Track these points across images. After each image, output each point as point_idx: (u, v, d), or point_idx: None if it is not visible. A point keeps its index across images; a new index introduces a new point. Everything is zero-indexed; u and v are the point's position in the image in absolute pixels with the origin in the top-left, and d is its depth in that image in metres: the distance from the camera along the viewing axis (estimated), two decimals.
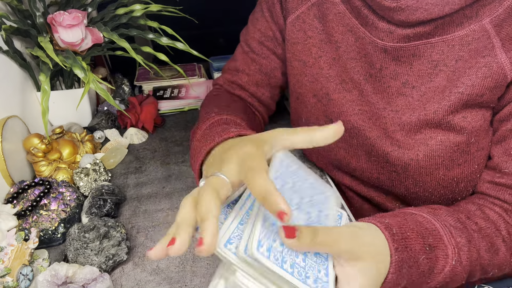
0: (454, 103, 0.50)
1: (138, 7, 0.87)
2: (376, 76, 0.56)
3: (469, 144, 0.51)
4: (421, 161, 0.53)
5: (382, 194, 0.63)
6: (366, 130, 0.58)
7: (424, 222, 0.44)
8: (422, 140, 0.53)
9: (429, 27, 0.50)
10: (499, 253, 0.47)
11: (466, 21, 0.49)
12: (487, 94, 0.49)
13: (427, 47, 0.51)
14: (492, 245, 0.47)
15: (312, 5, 0.61)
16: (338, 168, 0.66)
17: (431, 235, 0.43)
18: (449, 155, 0.52)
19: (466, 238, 0.45)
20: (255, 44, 0.70)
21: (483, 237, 0.47)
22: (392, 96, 0.55)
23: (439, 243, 0.43)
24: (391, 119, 0.55)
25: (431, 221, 0.44)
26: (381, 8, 0.50)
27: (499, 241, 0.48)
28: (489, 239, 0.47)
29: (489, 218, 0.49)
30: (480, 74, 0.48)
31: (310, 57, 0.62)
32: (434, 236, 0.43)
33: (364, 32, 0.55)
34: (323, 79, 0.61)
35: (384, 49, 0.53)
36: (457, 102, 0.50)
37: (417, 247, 0.41)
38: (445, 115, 0.51)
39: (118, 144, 0.85)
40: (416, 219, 0.44)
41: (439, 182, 0.54)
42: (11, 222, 0.58)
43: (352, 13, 0.56)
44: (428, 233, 0.43)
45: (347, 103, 0.59)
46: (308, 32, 0.62)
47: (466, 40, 0.50)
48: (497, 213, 0.50)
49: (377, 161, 0.58)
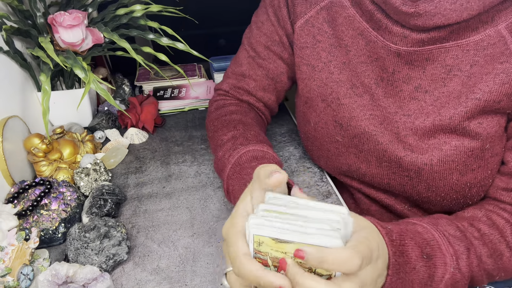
0: (471, 109, 0.50)
1: (139, 7, 0.88)
2: (388, 80, 0.55)
3: (484, 150, 0.51)
4: (435, 165, 0.53)
5: (392, 196, 0.63)
6: (378, 135, 0.57)
7: (423, 233, 0.44)
8: (436, 145, 0.53)
9: (444, 32, 0.49)
10: (503, 257, 0.47)
11: (481, 26, 0.49)
12: (504, 100, 0.48)
13: (441, 51, 0.51)
14: (495, 251, 0.47)
15: (321, 9, 0.60)
16: (347, 172, 0.65)
17: (429, 245, 0.43)
18: (463, 160, 0.52)
19: (464, 246, 0.45)
20: (261, 48, 0.69)
21: (485, 243, 0.47)
22: (404, 100, 0.55)
23: (437, 252, 0.43)
24: (403, 124, 0.55)
25: (430, 231, 0.45)
26: (397, 12, 0.50)
27: (502, 246, 0.47)
28: (492, 245, 0.47)
29: (494, 224, 0.49)
30: (498, 80, 0.48)
31: (320, 62, 0.62)
32: (431, 246, 0.43)
33: (376, 36, 0.54)
34: (333, 84, 0.60)
35: (397, 53, 0.53)
36: (473, 108, 0.49)
37: (413, 254, 0.41)
38: (461, 121, 0.50)
39: (118, 144, 0.85)
40: (416, 229, 0.45)
41: (452, 187, 0.54)
42: (12, 222, 0.59)
43: (363, 16, 0.56)
44: (426, 243, 0.43)
45: (358, 108, 0.58)
46: (317, 37, 0.61)
47: (481, 45, 0.49)
48: (505, 219, 0.49)
49: (388, 166, 0.58)
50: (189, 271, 0.56)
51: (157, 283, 0.55)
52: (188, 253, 0.59)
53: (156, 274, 0.56)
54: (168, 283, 0.55)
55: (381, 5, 0.52)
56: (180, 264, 0.58)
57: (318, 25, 0.61)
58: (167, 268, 0.57)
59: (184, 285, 0.54)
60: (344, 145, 0.62)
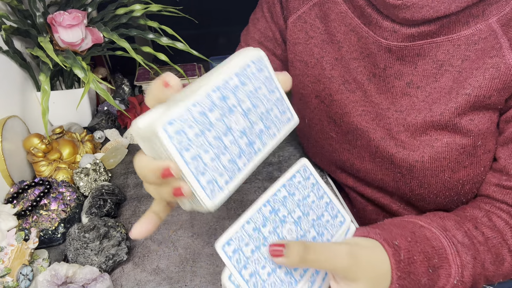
0: (461, 105, 0.49)
1: (138, 7, 0.87)
2: (380, 76, 0.55)
3: (476, 146, 0.50)
4: (426, 163, 0.52)
5: (387, 195, 0.62)
6: (370, 131, 0.57)
7: (432, 239, 0.43)
8: (428, 141, 0.52)
9: (434, 26, 0.49)
10: (504, 263, 0.47)
11: (472, 20, 0.48)
12: (494, 95, 0.48)
13: (432, 46, 0.50)
14: (498, 256, 0.46)
15: (313, 5, 0.60)
16: (342, 169, 0.66)
17: (437, 255, 0.42)
18: (455, 158, 0.51)
19: (471, 255, 0.44)
20: (255, 44, 0.70)
21: (489, 249, 0.46)
22: (396, 96, 0.54)
23: (444, 263, 0.42)
24: (395, 120, 0.54)
25: (439, 237, 0.44)
26: (386, 6, 0.49)
27: (504, 251, 0.47)
28: (495, 250, 0.46)
29: (495, 226, 0.48)
30: (488, 75, 0.47)
31: (312, 58, 0.62)
32: (439, 256, 0.42)
33: (368, 32, 0.54)
34: (325, 80, 0.60)
35: (388, 49, 0.52)
36: (464, 104, 0.49)
37: (420, 270, 0.40)
38: (451, 117, 0.50)
39: (118, 144, 0.85)
40: (425, 234, 0.43)
41: (444, 184, 0.53)
42: (11, 222, 0.58)
43: (355, 12, 0.56)
44: (434, 253, 0.42)
45: (350, 104, 0.58)
46: (310, 33, 0.61)
47: (472, 40, 0.48)
48: (504, 221, 0.49)
49: (381, 162, 0.58)
50: (189, 272, 0.56)
51: (157, 284, 0.55)
52: (188, 253, 0.59)
53: (155, 275, 0.56)
54: (168, 284, 0.55)
55: (371, 0, 0.52)
56: (180, 265, 0.57)
57: (310, 21, 0.61)
58: (167, 269, 0.57)
59: (184, 286, 0.54)
60: (338, 141, 0.62)
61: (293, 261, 0.32)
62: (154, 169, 0.29)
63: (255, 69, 0.34)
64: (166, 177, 0.29)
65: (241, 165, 0.32)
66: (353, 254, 0.35)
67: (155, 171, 0.29)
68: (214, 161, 0.30)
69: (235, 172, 0.31)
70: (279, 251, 0.32)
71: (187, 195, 0.29)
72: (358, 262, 0.35)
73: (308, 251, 0.32)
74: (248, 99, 0.33)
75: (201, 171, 0.29)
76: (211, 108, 0.30)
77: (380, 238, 0.40)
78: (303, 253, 0.32)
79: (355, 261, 0.35)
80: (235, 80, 0.32)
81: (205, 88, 0.30)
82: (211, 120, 0.30)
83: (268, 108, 0.34)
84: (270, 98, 0.34)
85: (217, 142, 0.31)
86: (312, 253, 0.32)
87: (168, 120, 0.28)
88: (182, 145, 0.29)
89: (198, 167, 0.29)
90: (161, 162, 0.29)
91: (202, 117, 0.30)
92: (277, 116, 0.35)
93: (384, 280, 0.38)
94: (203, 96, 0.30)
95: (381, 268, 0.38)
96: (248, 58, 0.33)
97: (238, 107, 0.32)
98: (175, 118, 0.28)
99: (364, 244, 0.39)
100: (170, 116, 0.28)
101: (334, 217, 0.39)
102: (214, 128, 0.30)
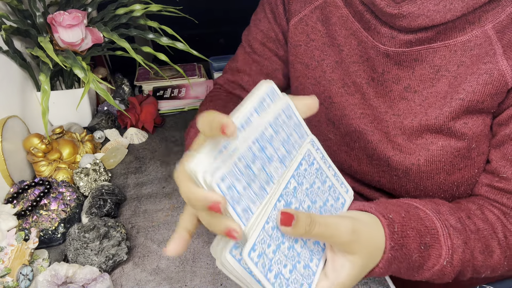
0: (455, 109, 0.50)
1: (138, 7, 0.87)
2: (379, 80, 0.56)
3: (470, 149, 0.51)
4: (422, 166, 0.53)
5: (385, 195, 0.63)
6: (368, 134, 0.58)
7: (425, 219, 0.44)
8: (423, 145, 0.53)
9: (431, 33, 0.50)
10: (494, 255, 0.47)
11: (468, 26, 0.49)
12: (487, 100, 0.49)
13: (429, 52, 0.51)
14: (487, 247, 0.47)
15: (315, 8, 0.61)
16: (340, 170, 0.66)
17: (429, 234, 0.43)
18: (450, 160, 0.52)
19: (463, 240, 0.45)
20: (257, 45, 0.70)
21: (480, 238, 0.47)
22: (394, 100, 0.55)
23: (435, 243, 0.43)
24: (393, 123, 0.55)
25: (432, 219, 0.45)
26: (383, 14, 0.51)
27: (494, 243, 0.48)
28: (485, 241, 0.47)
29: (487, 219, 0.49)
30: (481, 81, 0.48)
31: (313, 60, 0.62)
32: (431, 235, 0.43)
33: (367, 36, 0.55)
34: (325, 82, 0.61)
35: (386, 54, 0.53)
36: (458, 108, 0.50)
37: (412, 246, 0.41)
38: (446, 121, 0.51)
39: (118, 144, 0.85)
40: (419, 214, 0.44)
41: (439, 186, 0.54)
42: (11, 222, 0.59)
43: (355, 17, 0.56)
44: (426, 232, 0.43)
45: (349, 106, 0.59)
46: (311, 35, 0.62)
47: (468, 46, 0.49)
48: (496, 215, 0.50)
49: (378, 165, 0.58)
50: (189, 271, 0.56)
51: (157, 284, 0.55)
52: (188, 253, 0.59)
53: (155, 275, 0.56)
54: (168, 284, 0.55)
55: (370, 6, 0.53)
56: (180, 265, 0.57)
57: (312, 24, 0.62)
58: (167, 269, 0.57)
59: (184, 285, 0.54)
60: (336, 143, 0.63)
61: (298, 233, 0.33)
62: (201, 199, 0.30)
63: (285, 116, 0.36)
64: (213, 210, 0.30)
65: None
66: (355, 231, 0.36)
67: (202, 201, 0.30)
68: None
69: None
70: (289, 221, 0.33)
71: (239, 239, 0.31)
72: (359, 238, 0.36)
73: (314, 225, 0.33)
74: (283, 147, 0.36)
75: (245, 217, 0.32)
76: (253, 159, 0.33)
77: (376, 211, 0.41)
78: (310, 227, 0.33)
79: (357, 237, 0.36)
80: (269, 130, 0.35)
81: (247, 142, 0.33)
82: (254, 171, 0.32)
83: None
84: (301, 143, 0.38)
85: (261, 191, 0.33)
86: (317, 228, 0.33)
87: (221, 176, 0.30)
88: (233, 200, 0.31)
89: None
90: (210, 194, 0.30)
91: (247, 170, 0.32)
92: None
93: (378, 253, 0.39)
94: (245, 149, 0.32)
95: (377, 243, 0.39)
96: (277, 108, 0.36)
97: (275, 155, 0.35)
98: (226, 174, 0.31)
99: (365, 220, 0.39)
100: (222, 172, 0.30)
101: (337, 200, 0.40)
102: (257, 178, 0.33)
